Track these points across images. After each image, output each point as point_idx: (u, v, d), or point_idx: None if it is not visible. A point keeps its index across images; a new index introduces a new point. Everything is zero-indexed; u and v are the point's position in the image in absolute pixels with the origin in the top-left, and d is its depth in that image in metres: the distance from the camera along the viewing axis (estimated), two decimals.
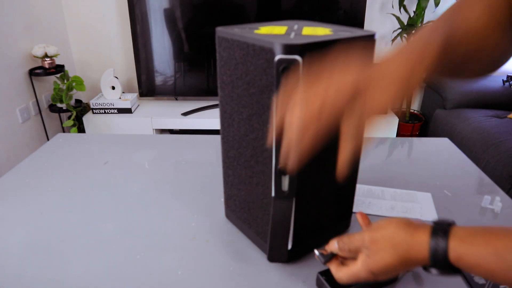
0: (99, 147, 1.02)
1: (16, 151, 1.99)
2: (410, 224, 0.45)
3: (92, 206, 0.76)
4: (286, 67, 0.43)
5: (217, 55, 0.55)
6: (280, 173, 0.50)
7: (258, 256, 0.62)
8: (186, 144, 1.04)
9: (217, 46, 0.54)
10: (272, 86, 0.46)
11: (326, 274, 0.54)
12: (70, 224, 0.71)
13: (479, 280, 0.56)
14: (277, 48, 0.43)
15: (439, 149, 1.01)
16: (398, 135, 2.46)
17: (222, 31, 0.53)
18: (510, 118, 2.04)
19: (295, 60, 0.43)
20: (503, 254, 0.38)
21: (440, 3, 2.22)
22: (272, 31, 0.50)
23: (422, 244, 0.42)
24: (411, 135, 2.51)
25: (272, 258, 0.56)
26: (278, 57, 0.43)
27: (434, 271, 0.43)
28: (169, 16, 2.17)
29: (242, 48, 0.49)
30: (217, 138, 1.07)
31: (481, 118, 2.04)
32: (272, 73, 0.45)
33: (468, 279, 0.57)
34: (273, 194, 0.52)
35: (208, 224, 0.71)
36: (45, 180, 0.86)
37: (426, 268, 0.44)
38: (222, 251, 0.64)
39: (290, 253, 0.57)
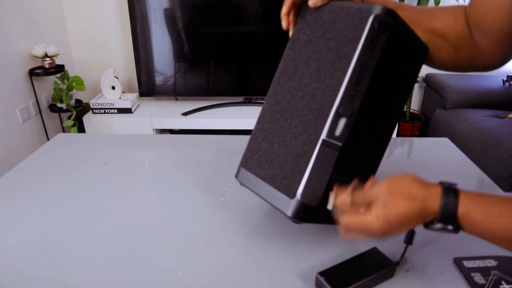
0: (99, 147, 1.02)
1: (16, 151, 1.99)
2: (422, 179, 0.48)
3: (92, 206, 0.76)
4: (380, 21, 0.51)
5: (298, 19, 0.62)
6: (339, 115, 0.53)
7: (258, 257, 0.62)
8: (186, 144, 1.04)
9: (300, 13, 0.62)
10: (359, 39, 0.53)
11: (326, 275, 0.55)
12: (70, 224, 0.71)
13: (479, 280, 0.56)
14: (377, 9, 0.52)
15: (439, 149, 1.01)
16: (398, 135, 2.46)
17: None
18: (510, 118, 2.04)
19: (388, 21, 0.52)
20: (504, 215, 0.42)
21: (440, 3, 2.22)
22: None
23: (435, 197, 0.45)
24: (411, 135, 2.51)
25: (305, 196, 0.55)
26: (375, 13, 0.52)
27: (438, 225, 0.45)
28: (169, 16, 2.17)
29: (333, 11, 0.57)
30: (217, 138, 1.08)
31: (481, 118, 2.04)
32: (362, 28, 0.53)
33: (468, 279, 0.57)
34: (323, 136, 0.53)
35: (208, 224, 0.71)
36: (45, 180, 0.86)
37: (428, 224, 0.46)
38: (222, 251, 0.64)
39: (313, 211, 0.55)
